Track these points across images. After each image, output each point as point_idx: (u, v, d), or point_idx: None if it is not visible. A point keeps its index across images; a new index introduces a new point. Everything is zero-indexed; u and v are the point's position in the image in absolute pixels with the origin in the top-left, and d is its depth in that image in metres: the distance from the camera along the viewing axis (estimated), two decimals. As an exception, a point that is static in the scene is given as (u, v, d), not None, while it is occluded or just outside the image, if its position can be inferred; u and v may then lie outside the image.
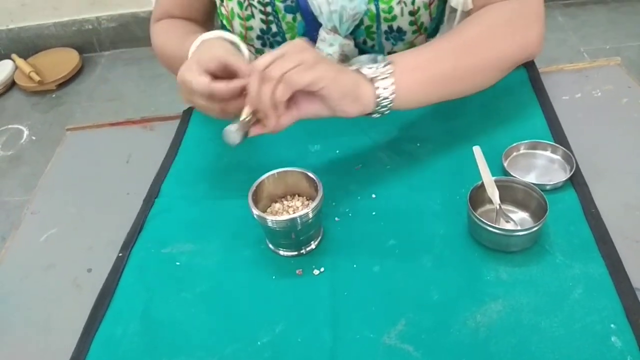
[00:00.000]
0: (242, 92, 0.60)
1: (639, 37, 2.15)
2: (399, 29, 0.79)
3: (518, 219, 0.60)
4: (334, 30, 0.78)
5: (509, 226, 0.58)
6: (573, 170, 0.63)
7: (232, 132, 0.59)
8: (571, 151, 0.66)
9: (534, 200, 0.59)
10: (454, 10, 0.79)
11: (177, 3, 0.86)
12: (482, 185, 0.59)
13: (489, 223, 0.56)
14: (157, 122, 0.87)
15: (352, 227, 0.63)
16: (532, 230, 0.55)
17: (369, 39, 0.81)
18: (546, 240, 0.58)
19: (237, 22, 0.81)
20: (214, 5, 0.85)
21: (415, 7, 0.77)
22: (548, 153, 0.67)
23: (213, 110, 0.63)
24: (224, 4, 0.80)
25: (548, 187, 0.62)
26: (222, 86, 0.60)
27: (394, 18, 0.78)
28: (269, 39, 0.82)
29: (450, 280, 0.56)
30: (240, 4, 0.78)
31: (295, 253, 0.61)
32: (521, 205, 0.61)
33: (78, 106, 2.33)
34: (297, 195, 0.64)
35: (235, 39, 0.70)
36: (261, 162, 0.73)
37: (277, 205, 0.63)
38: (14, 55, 2.52)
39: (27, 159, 2.11)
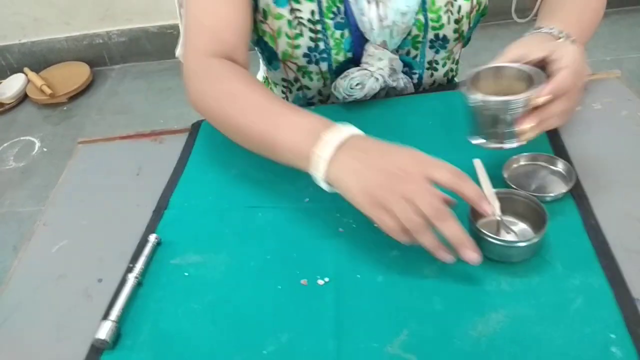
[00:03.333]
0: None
1: (639, 49, 2.16)
2: (444, 37, 0.83)
3: (518, 231, 0.61)
4: (383, 45, 0.80)
5: (510, 237, 0.59)
6: (574, 182, 0.64)
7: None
8: (571, 163, 0.67)
9: (534, 212, 0.60)
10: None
11: (218, 23, 0.74)
12: None
13: (490, 234, 0.57)
14: (167, 135, 0.89)
15: (356, 238, 0.64)
16: (532, 241, 0.57)
17: (414, 48, 0.84)
18: (547, 252, 0.59)
19: (283, 40, 0.81)
20: (250, 25, 0.79)
21: (460, 15, 0.81)
22: (548, 165, 0.68)
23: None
24: (268, 21, 0.80)
25: (548, 199, 0.63)
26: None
27: (442, 27, 0.81)
28: (315, 56, 0.83)
29: (452, 290, 0.57)
30: (289, 23, 0.79)
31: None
32: (522, 216, 0.62)
33: (88, 119, 2.37)
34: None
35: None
36: (267, 174, 0.75)
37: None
38: (26, 69, 2.57)
39: (39, 170, 2.14)
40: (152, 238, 0.67)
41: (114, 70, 2.64)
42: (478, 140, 0.63)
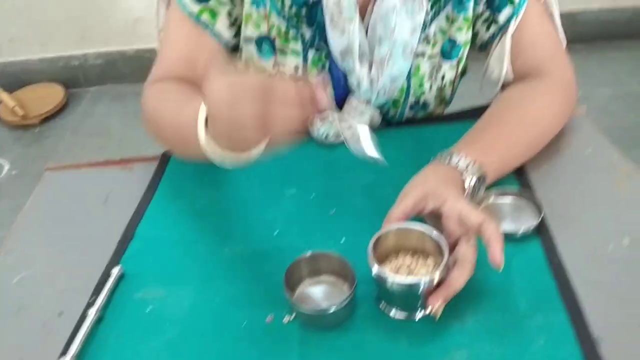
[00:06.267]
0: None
1: (608, 84, 2.23)
2: (424, 102, 0.84)
3: (333, 291, 0.61)
4: (368, 101, 0.80)
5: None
6: (541, 217, 0.65)
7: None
8: (536, 199, 0.68)
9: (346, 268, 0.59)
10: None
11: (181, 60, 0.78)
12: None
13: (303, 306, 0.57)
14: (137, 162, 0.87)
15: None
16: (342, 304, 0.56)
17: (393, 108, 0.85)
18: (511, 289, 0.59)
19: None
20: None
21: (443, 84, 0.82)
22: (516, 201, 0.69)
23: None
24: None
25: (518, 235, 0.64)
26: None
27: (423, 93, 0.83)
28: None
29: (418, 328, 0.57)
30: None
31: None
32: (337, 275, 0.61)
33: (62, 141, 2.33)
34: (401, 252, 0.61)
35: None
36: (236, 206, 0.74)
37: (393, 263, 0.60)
38: (-2, 89, 2.53)
39: (7, 194, 2.09)
40: (115, 271, 0.66)
41: (89, 92, 2.61)
42: (388, 311, 0.59)
